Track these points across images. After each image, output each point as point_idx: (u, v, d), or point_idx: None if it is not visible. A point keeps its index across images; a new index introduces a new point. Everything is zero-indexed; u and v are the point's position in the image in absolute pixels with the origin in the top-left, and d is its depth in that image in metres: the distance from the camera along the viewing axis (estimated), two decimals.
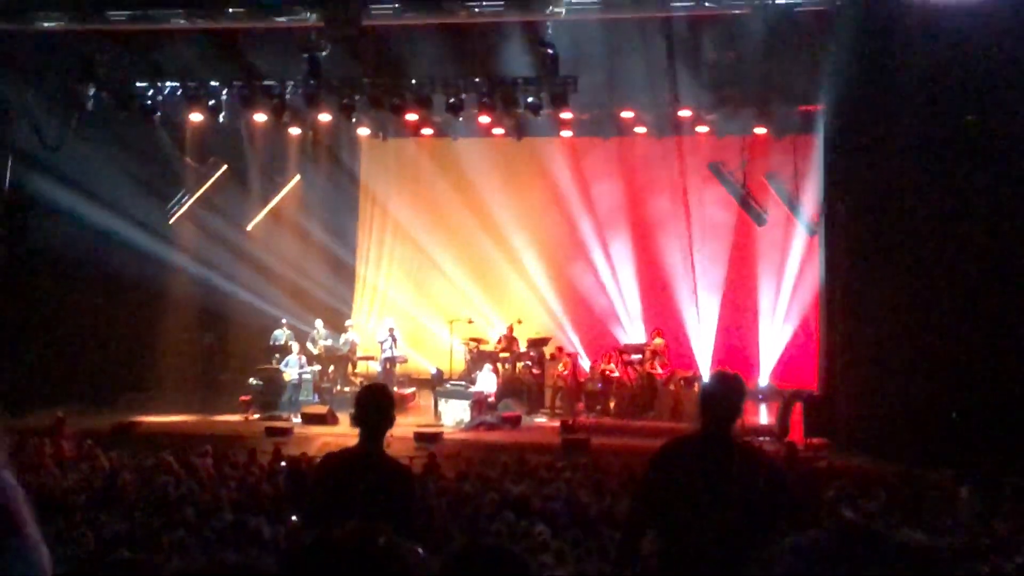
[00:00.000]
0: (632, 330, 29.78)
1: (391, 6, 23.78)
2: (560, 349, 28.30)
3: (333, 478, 7.68)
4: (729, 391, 7.22)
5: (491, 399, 25.83)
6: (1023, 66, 20.37)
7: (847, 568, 1.68)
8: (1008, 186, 20.64)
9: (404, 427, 23.83)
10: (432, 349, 30.05)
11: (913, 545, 1.82)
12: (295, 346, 26.96)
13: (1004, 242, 20.71)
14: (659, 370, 26.66)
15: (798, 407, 23.17)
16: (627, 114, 26.94)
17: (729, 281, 29.17)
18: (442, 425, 24.85)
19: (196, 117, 27.01)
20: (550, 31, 23.69)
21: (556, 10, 23.14)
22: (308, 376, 26.76)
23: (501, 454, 21.02)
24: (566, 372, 27.38)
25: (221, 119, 26.81)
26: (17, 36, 25.20)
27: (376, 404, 7.62)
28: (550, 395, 27.26)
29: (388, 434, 7.65)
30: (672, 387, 26.28)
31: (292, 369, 26.64)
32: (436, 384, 27.36)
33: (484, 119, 26.94)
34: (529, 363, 27.61)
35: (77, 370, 26.63)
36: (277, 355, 26.99)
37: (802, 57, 23.42)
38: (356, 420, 7.67)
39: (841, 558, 1.70)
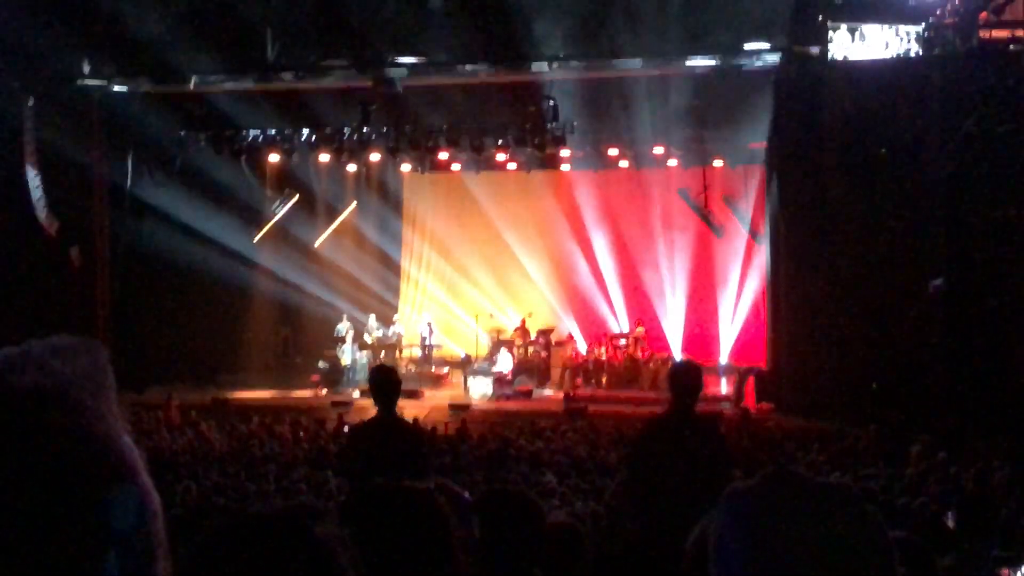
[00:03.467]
0: (619, 321, 29.74)
1: (425, 71, 23.88)
2: (562, 337, 28.34)
3: (362, 440, 7.73)
4: (689, 375, 7.33)
5: (509, 376, 25.80)
6: (922, 110, 20.44)
7: (777, 505, 1.69)
8: (909, 204, 20.69)
9: (440, 399, 23.91)
10: (462, 337, 30.02)
11: (836, 485, 1.82)
12: (349, 337, 26.92)
13: (909, 247, 20.75)
14: (640, 353, 26.69)
15: (751, 379, 23.21)
16: (613, 151, 26.86)
17: (694, 281, 29.10)
18: (470, 397, 24.84)
19: (274, 157, 27.10)
20: (552, 87, 23.73)
21: (553, 70, 23.19)
22: (364, 360, 26.73)
23: (517, 419, 21.04)
24: (567, 355, 27.42)
25: (294, 159, 26.96)
26: (129, 96, 25.34)
27: (385, 381, 7.62)
28: (555, 373, 27.20)
29: (421, 405, 7.68)
30: (651, 365, 26.29)
31: (346, 355, 26.60)
32: (465, 365, 27.36)
33: (501, 156, 26.98)
34: (538, 348, 27.58)
35: (183, 356, 26.68)
36: (339, 344, 26.99)
37: (750, 105, 23.40)
38: (372, 395, 7.69)
39: (772, 497, 1.71)
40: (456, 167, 29.28)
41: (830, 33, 21.59)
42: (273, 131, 25.99)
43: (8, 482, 1.11)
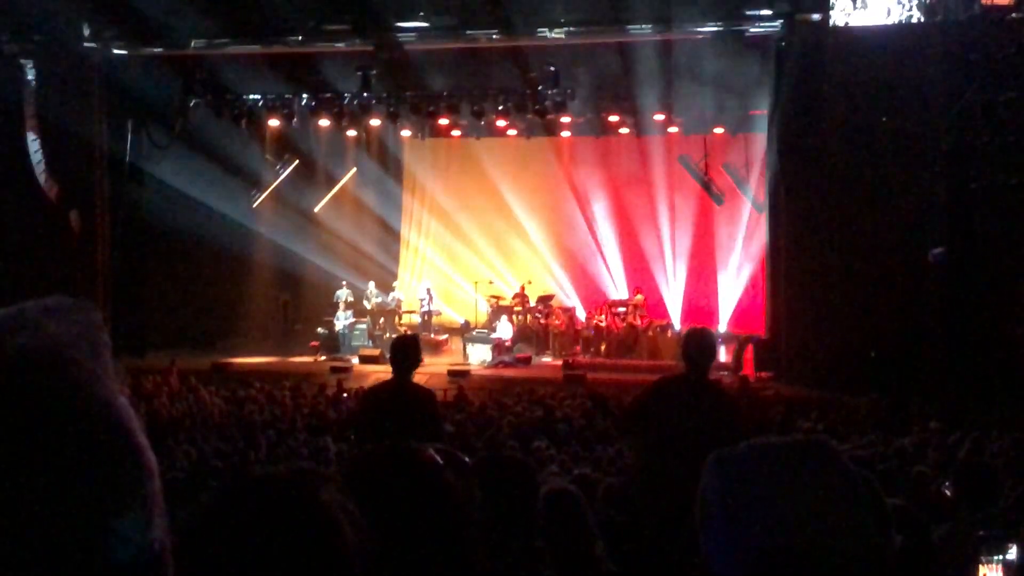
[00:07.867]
0: (618, 288, 29.74)
1: (427, 36, 23.77)
2: (562, 304, 28.37)
3: (376, 402, 7.83)
4: (703, 344, 7.27)
5: (508, 343, 25.84)
6: (923, 78, 20.37)
7: (756, 469, 1.70)
8: (910, 172, 20.68)
9: (439, 366, 23.89)
10: (461, 304, 30.04)
11: (809, 440, 1.81)
12: (342, 303, 26.88)
13: (909, 215, 20.75)
14: (639, 320, 26.68)
15: (749, 348, 23.22)
16: (613, 118, 26.80)
17: (694, 249, 29.10)
18: (469, 364, 24.86)
19: (274, 122, 27.05)
20: (553, 53, 23.65)
21: (555, 35, 23.09)
22: (363, 326, 26.75)
23: (516, 386, 21.05)
24: (566, 322, 27.43)
25: (294, 124, 26.89)
26: (130, 60, 25.22)
27: (405, 350, 7.76)
28: (554, 340, 27.24)
29: (419, 371, 7.81)
30: (650, 333, 26.28)
31: (340, 321, 26.60)
32: (464, 332, 27.36)
33: (501, 122, 26.86)
34: (538, 315, 27.58)
35: (182, 321, 26.71)
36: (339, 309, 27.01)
37: (751, 71, 23.31)
38: (391, 361, 7.83)
39: (752, 462, 1.71)
40: (456, 133, 29.23)
41: None
42: (273, 96, 25.94)
43: (4, 444, 1.09)
